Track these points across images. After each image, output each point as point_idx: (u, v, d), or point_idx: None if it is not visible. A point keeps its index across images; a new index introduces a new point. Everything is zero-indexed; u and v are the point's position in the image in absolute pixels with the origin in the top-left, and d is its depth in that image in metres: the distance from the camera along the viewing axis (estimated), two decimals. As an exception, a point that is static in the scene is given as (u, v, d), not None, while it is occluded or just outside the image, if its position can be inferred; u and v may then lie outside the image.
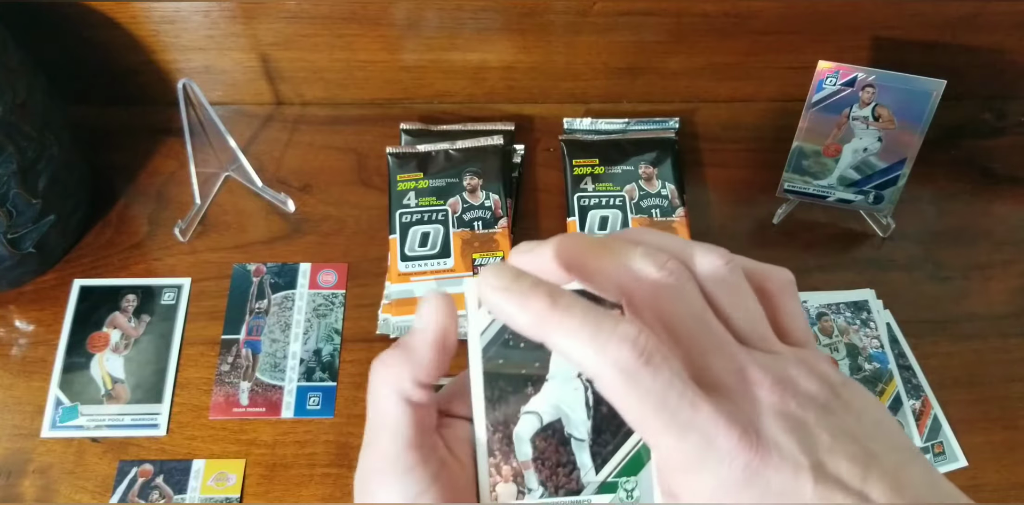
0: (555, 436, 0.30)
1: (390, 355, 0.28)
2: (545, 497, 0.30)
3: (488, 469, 0.30)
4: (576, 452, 0.30)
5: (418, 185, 0.65)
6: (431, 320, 0.28)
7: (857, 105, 0.58)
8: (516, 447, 0.30)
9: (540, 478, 0.30)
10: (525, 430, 0.30)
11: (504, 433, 0.30)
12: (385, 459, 0.27)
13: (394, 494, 0.27)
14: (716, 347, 0.24)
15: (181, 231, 0.64)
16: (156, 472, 0.56)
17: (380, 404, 0.28)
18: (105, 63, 0.68)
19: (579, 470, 0.30)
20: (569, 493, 0.30)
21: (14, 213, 0.56)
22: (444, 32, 0.66)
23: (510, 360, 0.29)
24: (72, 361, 0.60)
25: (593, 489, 0.30)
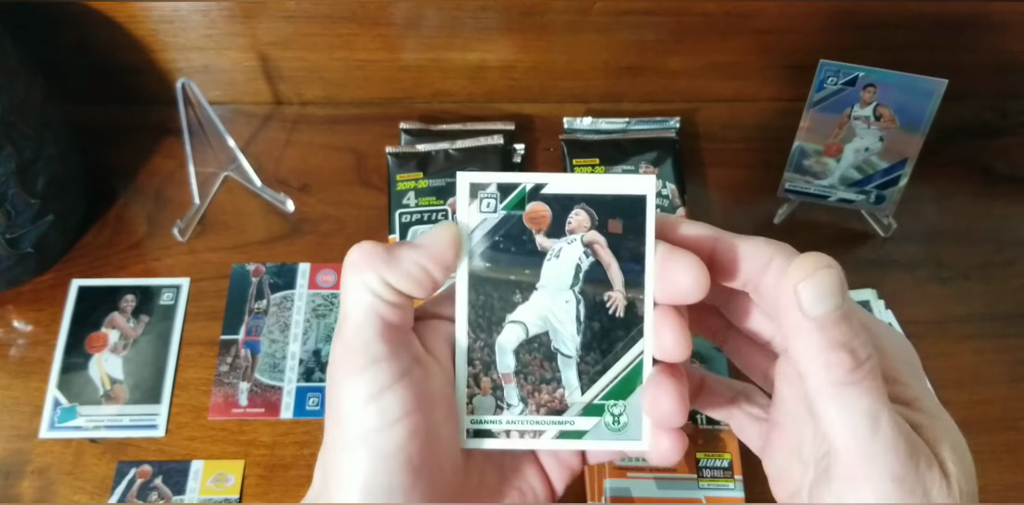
0: (540, 350, 0.28)
1: (369, 250, 0.27)
2: (525, 414, 0.28)
3: (466, 379, 0.28)
4: (562, 369, 0.28)
5: (418, 185, 0.65)
6: (431, 242, 0.27)
7: (858, 105, 0.58)
8: (498, 358, 0.28)
9: (521, 394, 0.28)
10: (509, 340, 0.28)
11: (486, 342, 0.28)
12: (350, 349, 0.26)
13: (358, 386, 0.26)
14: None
15: (180, 231, 0.64)
16: (155, 473, 0.56)
17: (350, 294, 0.27)
18: (104, 62, 0.68)
19: (564, 389, 0.28)
20: (551, 412, 0.28)
21: (12, 213, 0.56)
22: (444, 31, 0.66)
23: (499, 264, 0.28)
24: (70, 361, 0.60)
25: (577, 410, 0.28)
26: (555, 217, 0.28)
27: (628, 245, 0.27)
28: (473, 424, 0.28)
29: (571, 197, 0.28)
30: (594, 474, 0.54)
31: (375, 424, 0.25)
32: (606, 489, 0.52)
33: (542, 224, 0.28)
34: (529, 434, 0.28)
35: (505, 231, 0.28)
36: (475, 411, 0.28)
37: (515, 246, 0.28)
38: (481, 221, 0.28)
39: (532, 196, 0.28)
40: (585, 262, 0.28)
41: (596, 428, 0.28)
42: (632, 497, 0.52)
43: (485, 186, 0.28)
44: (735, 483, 0.53)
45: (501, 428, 0.28)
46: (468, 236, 0.28)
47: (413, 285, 0.27)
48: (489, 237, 0.28)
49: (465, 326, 0.28)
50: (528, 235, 0.28)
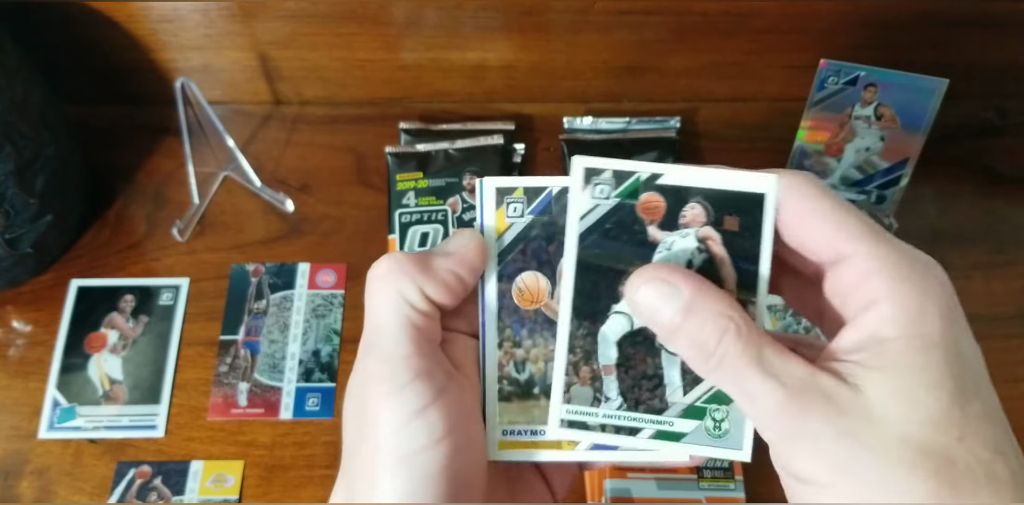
0: (645, 344, 0.27)
1: (404, 260, 0.26)
2: (623, 410, 0.27)
3: (565, 367, 0.27)
4: (665, 366, 0.27)
5: (417, 185, 0.64)
6: (461, 249, 0.27)
7: (859, 104, 0.58)
8: (600, 348, 0.27)
9: (621, 388, 0.27)
10: (613, 331, 0.27)
11: (589, 330, 0.27)
12: (387, 364, 0.25)
13: (400, 404, 0.25)
14: None
15: (179, 231, 0.64)
16: (154, 473, 0.56)
17: (381, 305, 0.26)
18: (103, 62, 0.68)
19: (665, 387, 0.27)
20: (650, 410, 0.27)
21: (11, 213, 0.56)
22: (443, 31, 0.65)
23: (608, 251, 0.27)
24: (70, 362, 0.60)
25: (678, 411, 0.27)
26: (669, 209, 0.27)
27: (743, 244, 0.27)
28: (568, 414, 0.27)
29: (687, 190, 0.27)
30: (594, 474, 0.54)
31: (420, 444, 0.24)
32: (606, 489, 0.52)
33: (656, 215, 0.27)
34: (625, 431, 0.27)
35: (617, 219, 0.27)
36: (571, 401, 0.27)
37: (626, 235, 0.27)
38: (593, 207, 0.27)
39: (647, 186, 0.27)
40: (697, 258, 0.27)
41: (696, 432, 0.27)
42: (632, 497, 0.52)
43: (600, 172, 0.27)
44: (735, 484, 0.53)
45: (597, 421, 0.27)
46: (579, 221, 0.27)
47: (447, 294, 0.26)
48: (600, 224, 0.27)
49: (568, 313, 0.27)
50: (640, 225, 0.27)
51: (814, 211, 0.25)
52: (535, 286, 0.28)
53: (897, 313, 0.23)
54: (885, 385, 0.23)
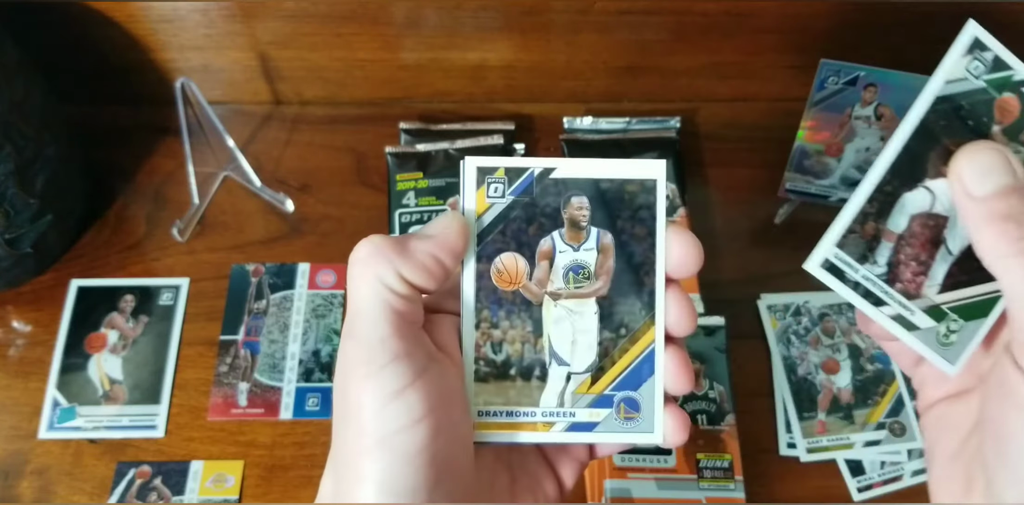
0: (933, 231, 0.27)
1: (382, 243, 0.26)
2: (881, 280, 0.27)
3: (856, 214, 0.26)
4: (938, 260, 0.27)
5: (418, 185, 0.64)
6: (441, 232, 0.27)
7: (859, 104, 0.58)
8: (895, 212, 0.27)
9: (891, 258, 0.27)
10: (914, 202, 0.27)
11: (895, 190, 0.27)
12: (366, 346, 0.25)
13: (377, 385, 0.25)
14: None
15: (179, 231, 0.64)
16: (154, 473, 0.56)
17: (361, 289, 0.26)
18: (103, 62, 0.68)
19: (927, 278, 0.27)
20: (903, 293, 0.27)
21: (11, 213, 0.56)
22: (443, 31, 0.65)
23: (950, 127, 0.26)
24: (70, 362, 0.60)
25: (925, 305, 0.27)
26: (1020, 119, 0.27)
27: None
28: (834, 258, 0.27)
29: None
30: (594, 474, 0.54)
31: (397, 424, 0.25)
32: (606, 489, 0.52)
33: (1008, 118, 0.27)
34: (872, 298, 0.27)
35: (973, 101, 0.27)
36: (844, 247, 0.27)
37: (973, 121, 0.27)
38: (961, 78, 0.27)
39: (1015, 87, 0.27)
40: None
41: (928, 331, 0.27)
42: (632, 497, 0.52)
43: (985, 48, 0.27)
44: (735, 483, 0.53)
45: (856, 276, 0.27)
46: (943, 84, 0.26)
47: (427, 277, 0.26)
48: (956, 99, 0.27)
49: (887, 163, 0.26)
50: (989, 119, 0.27)
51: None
52: (513, 267, 0.28)
53: None
54: None
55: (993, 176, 0.25)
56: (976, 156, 0.25)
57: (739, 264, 0.63)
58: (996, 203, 0.25)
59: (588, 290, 0.28)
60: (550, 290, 0.28)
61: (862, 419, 0.56)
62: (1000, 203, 0.25)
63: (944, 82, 0.26)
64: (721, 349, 0.58)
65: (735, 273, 0.62)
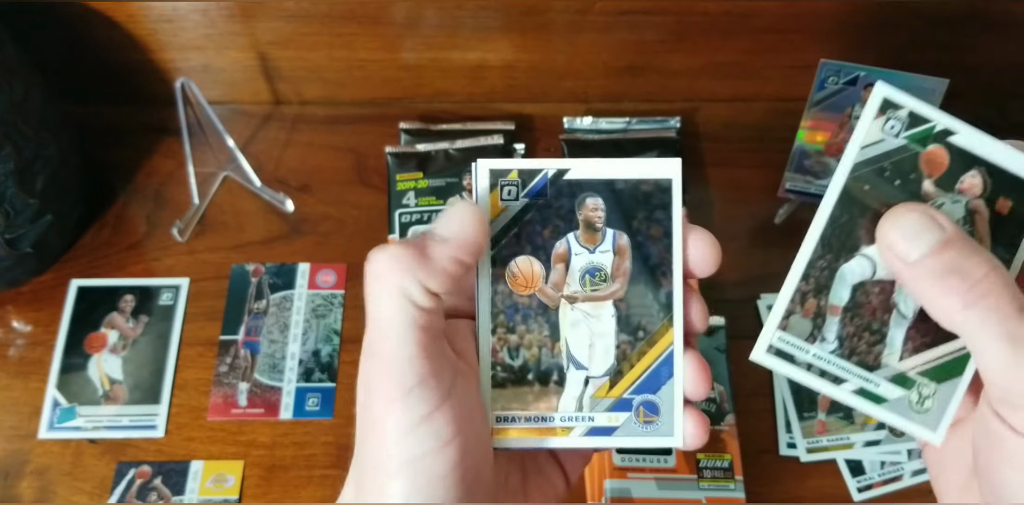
0: (880, 297, 0.26)
1: (401, 254, 0.25)
2: (835, 355, 0.26)
3: (792, 293, 0.26)
4: (892, 326, 0.26)
5: (418, 185, 0.64)
6: (460, 231, 0.25)
7: (859, 104, 0.58)
8: (835, 285, 0.26)
9: (840, 332, 0.26)
10: (853, 272, 0.26)
11: (829, 264, 0.26)
12: (393, 367, 0.24)
13: (405, 409, 0.24)
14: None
15: (179, 231, 0.64)
16: (154, 473, 0.56)
17: (383, 305, 0.24)
18: (103, 62, 0.68)
19: (885, 346, 0.26)
20: (861, 365, 0.26)
21: (11, 213, 0.56)
22: (443, 31, 0.65)
23: (877, 191, 0.26)
24: (70, 362, 0.60)
25: (888, 374, 0.26)
26: (950, 169, 0.26)
27: (1008, 230, 0.26)
28: (779, 342, 0.26)
29: (975, 157, 0.26)
30: (594, 474, 0.54)
31: (425, 448, 0.24)
32: (606, 489, 0.52)
33: (936, 171, 0.26)
34: (830, 377, 0.26)
35: (897, 161, 0.26)
36: (788, 329, 0.26)
37: (899, 180, 0.26)
38: (877, 140, 0.26)
39: (939, 138, 0.26)
40: (961, 228, 0.26)
41: (899, 401, 0.26)
42: (632, 497, 0.52)
43: (898, 108, 0.26)
44: (735, 483, 0.53)
45: (806, 358, 0.26)
46: (859, 150, 0.26)
47: (450, 282, 0.25)
48: (878, 160, 0.26)
49: (815, 239, 0.26)
50: (917, 175, 0.26)
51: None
52: (529, 271, 0.28)
53: None
54: None
55: (923, 237, 0.24)
56: (900, 221, 0.25)
57: (739, 264, 0.63)
58: (933, 262, 0.24)
59: (605, 293, 0.28)
60: (566, 293, 0.28)
61: (862, 419, 0.56)
62: (937, 261, 0.24)
63: (860, 148, 0.26)
64: (721, 349, 0.58)
65: (735, 273, 0.62)
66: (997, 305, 0.23)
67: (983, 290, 0.23)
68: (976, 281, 0.23)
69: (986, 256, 0.24)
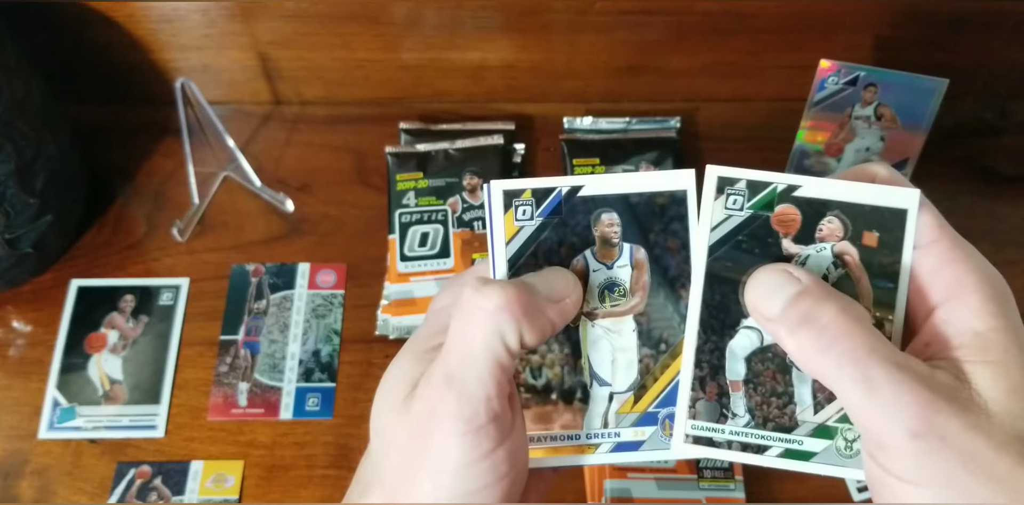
0: (775, 361, 0.26)
1: (517, 300, 0.25)
2: (750, 427, 0.27)
3: (691, 382, 0.27)
4: (796, 384, 0.27)
5: (418, 185, 0.64)
6: (567, 299, 0.26)
7: (859, 104, 0.58)
8: (728, 363, 0.26)
9: (749, 404, 0.27)
10: (742, 346, 0.26)
11: (716, 345, 0.27)
12: (465, 401, 0.24)
13: (463, 446, 0.24)
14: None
15: (179, 231, 0.64)
16: (154, 473, 0.56)
17: (477, 339, 0.25)
18: (103, 62, 0.68)
19: (795, 405, 0.26)
20: (779, 428, 0.26)
21: (11, 213, 0.56)
22: (444, 31, 0.65)
23: (740, 265, 0.26)
24: (70, 362, 0.60)
25: (808, 430, 0.26)
26: (805, 222, 0.26)
27: (882, 260, 0.26)
28: (694, 430, 0.27)
29: (825, 203, 0.26)
30: (594, 474, 0.54)
31: (482, 483, 0.25)
32: (606, 489, 0.52)
33: (791, 228, 0.26)
34: (752, 448, 0.27)
35: (750, 231, 0.26)
36: (697, 416, 0.27)
37: (758, 248, 0.26)
38: (725, 218, 0.26)
39: (783, 197, 0.26)
40: (833, 273, 0.26)
41: (826, 451, 0.26)
42: (632, 497, 0.52)
43: (734, 182, 0.26)
44: (735, 484, 0.53)
45: (724, 438, 0.27)
46: (709, 232, 0.26)
47: (540, 341, 0.26)
48: (731, 236, 0.26)
49: (695, 325, 0.27)
50: (774, 238, 0.26)
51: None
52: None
53: (988, 305, 0.24)
54: (996, 380, 0.23)
55: (780, 292, 0.25)
56: (757, 282, 0.26)
57: (739, 264, 0.62)
58: (789, 314, 0.24)
59: (624, 308, 0.28)
60: (586, 310, 0.28)
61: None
62: (793, 312, 0.24)
63: (710, 230, 0.26)
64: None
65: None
66: (847, 348, 0.23)
67: (832, 334, 0.23)
68: (823, 326, 0.24)
69: (836, 301, 0.24)
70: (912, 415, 0.22)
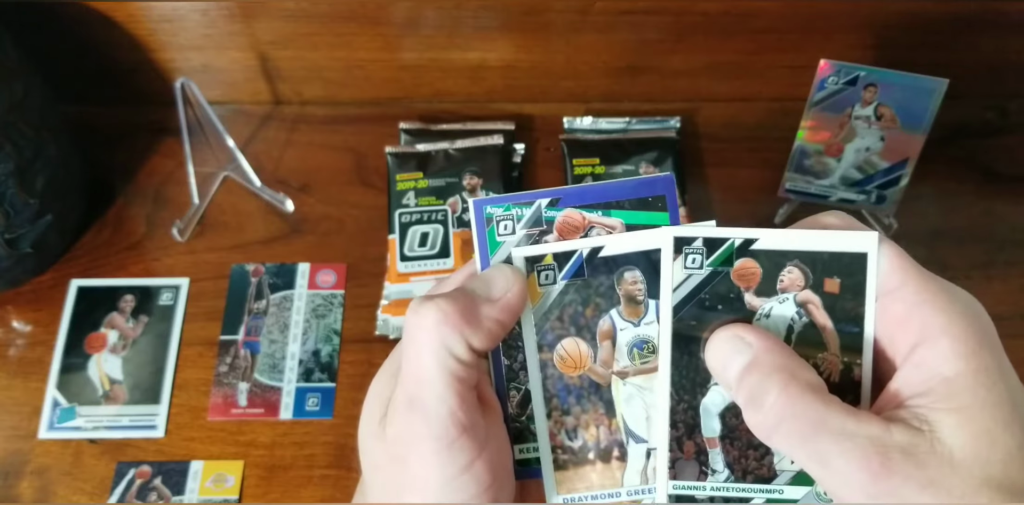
0: None
1: (451, 310, 0.25)
2: (730, 481, 0.27)
3: (668, 443, 0.27)
4: None
5: (417, 185, 0.64)
6: (506, 294, 0.26)
7: (859, 104, 0.58)
8: (703, 421, 0.27)
9: (727, 459, 0.27)
10: (715, 403, 0.27)
11: (690, 404, 0.27)
12: (434, 420, 0.25)
13: (440, 464, 0.24)
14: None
15: (179, 231, 0.64)
16: (154, 473, 0.56)
17: (425, 358, 0.25)
18: (103, 62, 0.68)
19: (772, 455, 0.27)
20: (759, 480, 0.27)
21: (11, 213, 0.56)
22: (443, 31, 0.65)
23: (704, 322, 0.26)
24: (70, 362, 0.60)
25: (787, 479, 0.27)
26: (766, 274, 0.26)
27: (845, 306, 0.26)
28: (676, 490, 0.27)
29: (783, 253, 0.26)
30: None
31: (468, 495, 0.25)
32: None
33: (751, 282, 0.26)
34: (735, 501, 0.27)
35: (711, 288, 0.26)
36: (678, 476, 0.27)
37: (722, 304, 0.26)
38: (686, 278, 0.26)
39: (741, 252, 0.26)
40: (798, 323, 0.26)
41: (807, 497, 0.27)
42: (632, 498, 0.52)
43: (691, 241, 0.26)
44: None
45: (705, 494, 0.27)
46: (672, 293, 0.26)
47: (492, 342, 0.26)
48: (693, 295, 0.26)
49: (667, 387, 0.27)
50: (736, 292, 0.26)
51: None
52: (576, 352, 0.28)
53: (958, 347, 0.23)
54: (961, 427, 0.22)
55: (732, 360, 0.25)
56: (711, 349, 0.26)
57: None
58: (742, 388, 0.24)
59: (654, 364, 0.28)
60: (616, 369, 0.28)
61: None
62: (743, 387, 0.24)
63: (672, 292, 0.26)
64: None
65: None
66: (792, 430, 0.23)
67: (778, 415, 0.23)
68: (769, 408, 0.23)
69: (779, 376, 0.24)
70: (866, 482, 0.22)
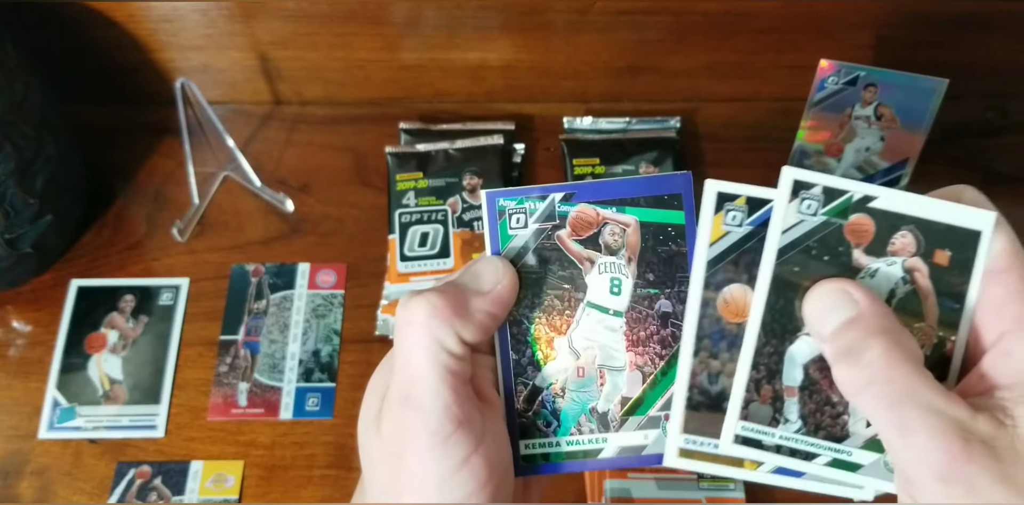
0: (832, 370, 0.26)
1: (441, 305, 0.25)
2: (801, 433, 0.26)
3: (746, 383, 0.26)
4: None
5: (417, 185, 0.64)
6: (496, 287, 0.26)
7: (859, 104, 0.58)
8: (786, 369, 0.26)
9: (802, 411, 0.26)
10: (801, 353, 0.26)
11: (776, 349, 0.26)
12: (426, 416, 0.24)
13: (437, 459, 0.24)
14: None
15: (179, 231, 0.64)
16: (154, 473, 0.56)
17: (417, 354, 0.25)
18: (103, 62, 0.68)
19: (848, 416, 0.26)
20: (830, 437, 0.26)
21: (11, 213, 0.56)
22: (443, 31, 0.65)
23: (807, 270, 0.26)
24: (70, 362, 0.60)
25: (858, 442, 0.26)
26: (878, 234, 0.26)
27: (951, 280, 0.25)
28: (744, 431, 0.26)
29: (900, 216, 0.26)
30: (594, 474, 0.54)
31: (464, 492, 0.25)
32: (606, 489, 0.52)
33: (863, 239, 0.26)
34: (801, 454, 0.26)
35: (821, 238, 0.26)
36: (749, 417, 0.26)
37: (828, 255, 0.26)
38: (798, 222, 0.26)
39: (858, 207, 0.26)
40: (901, 289, 0.26)
41: (874, 465, 0.26)
42: (632, 497, 0.52)
43: (810, 186, 0.26)
44: (735, 484, 0.53)
45: (773, 441, 0.26)
46: (780, 235, 0.26)
47: (483, 334, 0.26)
48: (802, 240, 0.26)
49: (757, 327, 0.26)
50: (845, 247, 0.26)
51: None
52: (742, 299, 0.27)
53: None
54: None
55: (834, 314, 0.24)
56: (815, 296, 0.25)
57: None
58: (838, 340, 0.24)
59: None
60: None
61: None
62: (840, 340, 0.24)
63: (781, 233, 0.26)
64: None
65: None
66: (886, 391, 0.23)
67: (873, 374, 0.23)
68: (866, 364, 0.23)
69: (884, 337, 0.23)
70: (942, 462, 0.22)
